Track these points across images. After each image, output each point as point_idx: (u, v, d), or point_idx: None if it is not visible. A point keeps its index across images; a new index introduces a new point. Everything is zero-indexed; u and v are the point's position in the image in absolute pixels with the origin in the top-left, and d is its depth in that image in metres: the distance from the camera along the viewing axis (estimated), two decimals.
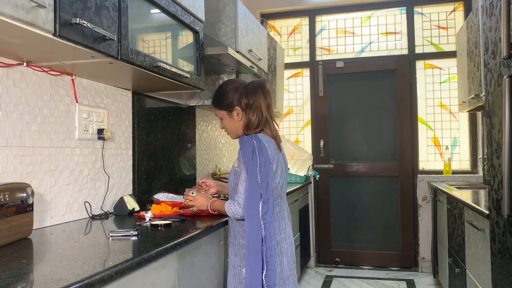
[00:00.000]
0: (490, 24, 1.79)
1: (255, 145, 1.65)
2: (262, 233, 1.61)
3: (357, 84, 4.36)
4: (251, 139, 1.68)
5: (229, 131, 1.85)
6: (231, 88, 1.80)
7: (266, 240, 1.62)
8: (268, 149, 1.68)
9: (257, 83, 1.79)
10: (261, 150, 1.65)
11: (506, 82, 1.54)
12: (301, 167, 4.07)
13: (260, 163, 1.64)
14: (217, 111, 1.84)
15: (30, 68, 1.63)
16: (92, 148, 1.97)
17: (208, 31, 2.64)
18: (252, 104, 1.75)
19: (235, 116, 1.78)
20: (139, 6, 1.73)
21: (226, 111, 1.80)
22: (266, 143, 1.69)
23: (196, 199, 1.83)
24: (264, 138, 1.71)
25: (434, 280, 3.77)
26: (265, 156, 1.65)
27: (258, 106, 1.75)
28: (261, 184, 1.63)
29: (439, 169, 4.12)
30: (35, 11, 1.16)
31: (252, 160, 1.63)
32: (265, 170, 1.64)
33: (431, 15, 4.22)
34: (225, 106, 1.79)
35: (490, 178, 1.80)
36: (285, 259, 1.71)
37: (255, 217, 1.61)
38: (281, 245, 1.71)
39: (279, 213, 1.74)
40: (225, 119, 1.82)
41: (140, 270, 1.22)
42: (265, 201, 1.63)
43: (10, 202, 1.33)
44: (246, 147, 1.66)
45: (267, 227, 1.62)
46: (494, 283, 1.78)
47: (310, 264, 4.33)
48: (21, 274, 1.04)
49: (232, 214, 1.70)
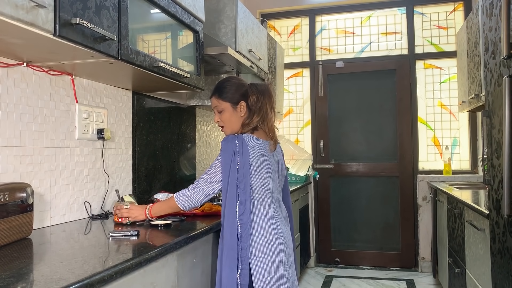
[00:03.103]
0: (490, 24, 1.79)
1: (236, 146, 1.64)
2: (238, 233, 1.60)
3: (357, 84, 4.36)
4: (234, 140, 1.66)
5: (227, 126, 1.80)
6: (237, 83, 1.79)
7: (242, 240, 1.60)
8: (250, 151, 1.65)
9: (265, 86, 1.81)
10: (242, 151, 1.64)
11: (506, 82, 1.54)
12: (301, 167, 4.07)
13: (239, 165, 1.63)
14: (220, 102, 1.79)
15: (30, 68, 1.63)
16: (92, 148, 1.97)
17: (208, 31, 2.64)
18: (260, 105, 1.75)
19: (238, 110, 1.76)
20: (139, 6, 1.73)
21: (231, 104, 1.77)
22: (250, 143, 1.67)
23: (130, 209, 1.76)
24: (248, 139, 1.68)
25: (434, 280, 3.77)
26: (245, 158, 1.64)
27: (264, 108, 1.76)
28: (238, 185, 1.62)
29: (439, 169, 4.12)
30: (35, 11, 1.16)
31: (234, 160, 1.63)
32: (244, 171, 1.62)
33: (431, 15, 4.22)
34: (232, 99, 1.77)
35: (490, 178, 1.80)
36: (278, 258, 1.68)
37: (232, 217, 1.61)
38: (272, 244, 1.68)
39: (269, 213, 1.70)
40: (227, 112, 1.78)
41: (140, 270, 1.22)
42: (242, 202, 1.62)
43: (10, 202, 1.33)
44: (228, 147, 1.65)
45: (244, 227, 1.61)
46: (494, 283, 1.78)
47: (310, 264, 4.33)
48: (21, 274, 1.04)
49: (183, 203, 1.71)
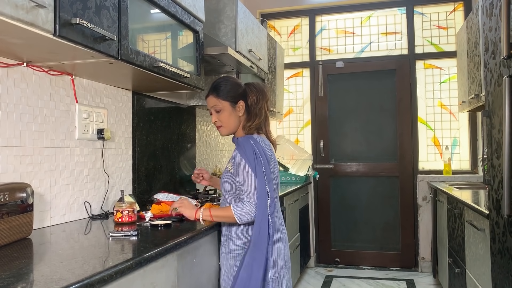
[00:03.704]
0: (490, 24, 1.79)
1: (254, 146, 1.65)
2: (270, 231, 1.63)
3: (357, 84, 4.36)
4: (248, 140, 1.67)
5: (225, 125, 1.76)
6: (235, 82, 1.78)
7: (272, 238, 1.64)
8: (265, 149, 1.69)
9: (262, 86, 1.81)
10: (261, 150, 1.66)
11: (506, 82, 1.54)
12: (301, 167, 4.08)
13: (264, 163, 1.64)
14: (219, 101, 1.74)
15: (30, 68, 1.63)
16: (92, 148, 1.97)
17: (208, 31, 2.64)
18: (260, 106, 1.76)
19: (237, 110, 1.75)
20: (139, 6, 1.73)
21: (230, 103, 1.74)
22: (262, 143, 1.70)
23: (183, 203, 1.73)
24: (259, 138, 1.72)
25: (434, 280, 3.77)
26: (264, 156, 1.66)
27: (263, 108, 1.76)
28: (267, 183, 1.63)
29: (439, 169, 4.12)
30: (35, 11, 1.16)
31: (257, 159, 1.63)
32: (269, 169, 1.66)
33: (431, 15, 4.22)
34: (231, 97, 1.74)
35: (490, 178, 1.80)
36: (281, 258, 1.71)
37: (264, 216, 1.61)
38: (278, 244, 1.71)
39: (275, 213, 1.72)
40: (226, 111, 1.74)
41: (140, 270, 1.22)
42: (272, 199, 1.65)
43: (10, 202, 1.33)
44: (246, 148, 1.65)
45: (273, 226, 1.65)
46: (494, 283, 1.78)
47: (310, 264, 4.33)
48: (21, 274, 1.04)
49: (242, 216, 1.62)
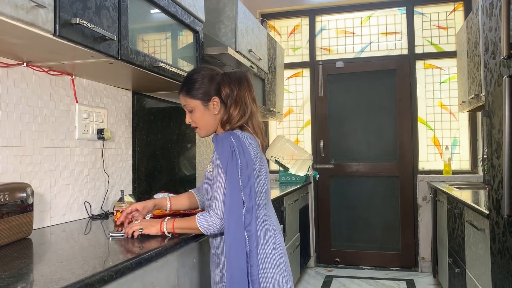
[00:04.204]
0: (490, 24, 1.79)
1: (234, 144, 1.41)
2: (247, 248, 1.38)
3: (357, 84, 4.36)
4: (228, 137, 1.43)
5: (200, 126, 1.55)
6: (207, 74, 1.52)
7: (251, 255, 1.39)
8: (249, 147, 1.44)
9: (241, 73, 1.54)
10: (242, 149, 1.41)
11: (506, 82, 1.54)
12: (301, 167, 4.07)
13: (242, 165, 1.39)
14: (189, 101, 1.52)
15: (30, 68, 1.63)
16: (92, 148, 1.97)
17: (208, 31, 2.64)
18: (236, 96, 1.49)
19: (211, 108, 1.51)
20: (139, 6, 1.73)
21: (201, 101, 1.51)
22: (246, 140, 1.45)
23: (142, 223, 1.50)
24: (243, 134, 1.47)
25: (434, 280, 3.77)
26: (247, 156, 1.41)
27: (242, 98, 1.50)
28: (243, 190, 1.38)
29: (439, 169, 4.12)
30: (35, 11, 1.16)
31: (232, 161, 1.38)
32: (248, 173, 1.39)
33: (431, 15, 4.22)
34: (201, 95, 1.50)
35: (490, 178, 1.80)
36: (278, 271, 1.46)
37: (238, 229, 1.36)
38: (271, 257, 1.46)
39: (265, 220, 1.49)
40: (198, 111, 1.52)
41: (140, 270, 1.22)
42: (249, 210, 1.38)
43: (10, 202, 1.33)
44: (224, 146, 1.41)
45: (252, 240, 1.39)
46: (494, 283, 1.78)
47: (310, 264, 4.33)
48: (21, 274, 1.04)
49: (207, 228, 1.41)
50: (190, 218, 1.44)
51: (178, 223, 1.46)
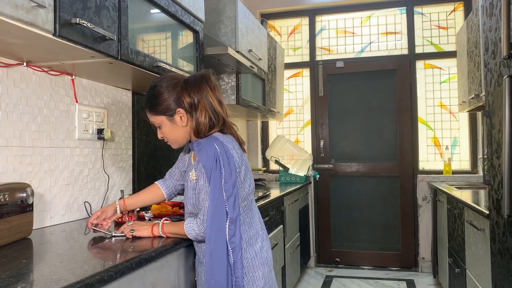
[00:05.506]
0: (490, 24, 1.79)
1: (217, 151, 1.36)
2: (231, 260, 1.33)
3: (357, 84, 4.36)
4: (211, 143, 1.37)
5: (171, 141, 1.50)
6: (167, 85, 1.45)
7: (236, 267, 1.34)
8: (233, 151, 1.40)
9: (199, 76, 1.46)
10: (226, 156, 1.36)
11: (506, 82, 1.54)
12: (301, 167, 4.07)
13: (226, 174, 1.34)
14: (153, 118, 1.47)
15: (30, 68, 1.63)
16: (92, 148, 1.97)
17: (208, 31, 2.64)
18: (198, 102, 1.42)
19: (178, 121, 1.45)
20: (139, 6, 1.73)
21: (166, 116, 1.45)
22: (230, 144, 1.41)
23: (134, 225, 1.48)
24: (225, 138, 1.42)
25: (434, 280, 3.77)
26: (231, 164, 1.36)
27: (207, 103, 1.43)
28: (227, 200, 1.34)
29: (439, 169, 4.12)
30: (35, 11, 1.16)
31: (216, 170, 1.33)
32: (232, 182, 1.35)
33: (431, 15, 4.22)
34: (163, 110, 1.44)
35: (490, 178, 1.80)
36: (267, 268, 1.49)
37: (220, 241, 1.31)
38: (260, 254, 1.47)
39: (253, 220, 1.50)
40: (165, 126, 1.46)
41: (140, 270, 1.22)
42: (233, 221, 1.33)
43: (10, 202, 1.33)
44: (208, 153, 1.35)
45: (236, 251, 1.33)
46: (494, 283, 1.78)
47: (310, 264, 4.33)
48: (21, 274, 1.03)
49: (195, 236, 1.39)
50: (179, 224, 1.43)
51: (168, 227, 1.45)
